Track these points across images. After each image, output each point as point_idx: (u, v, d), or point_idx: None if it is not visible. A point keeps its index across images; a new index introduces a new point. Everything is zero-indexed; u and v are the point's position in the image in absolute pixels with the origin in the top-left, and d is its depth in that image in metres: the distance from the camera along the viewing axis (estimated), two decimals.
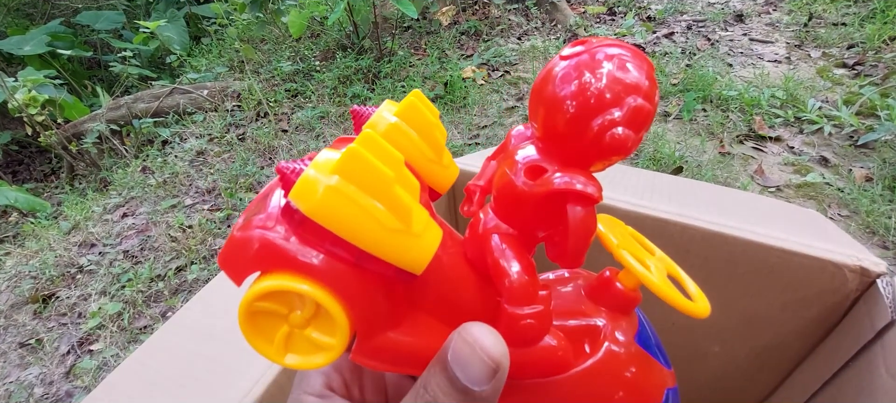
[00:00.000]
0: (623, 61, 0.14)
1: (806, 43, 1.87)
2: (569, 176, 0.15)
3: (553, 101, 0.15)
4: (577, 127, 0.14)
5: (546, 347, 0.16)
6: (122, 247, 1.31)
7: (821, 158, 1.30)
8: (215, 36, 2.41)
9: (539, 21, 2.24)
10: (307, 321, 0.14)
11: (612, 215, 0.42)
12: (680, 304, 0.16)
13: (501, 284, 0.16)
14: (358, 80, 1.89)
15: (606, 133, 0.14)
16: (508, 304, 0.15)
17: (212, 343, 0.36)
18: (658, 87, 0.15)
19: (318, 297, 0.13)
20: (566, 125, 0.15)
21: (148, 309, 1.12)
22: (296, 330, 0.14)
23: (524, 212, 0.16)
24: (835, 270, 0.36)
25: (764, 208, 0.46)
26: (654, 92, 0.14)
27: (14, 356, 1.07)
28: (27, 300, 1.20)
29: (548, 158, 0.16)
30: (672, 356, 0.50)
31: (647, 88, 0.14)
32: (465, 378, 0.14)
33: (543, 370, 0.16)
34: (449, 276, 0.16)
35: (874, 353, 0.34)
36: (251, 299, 0.13)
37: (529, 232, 0.17)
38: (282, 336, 0.14)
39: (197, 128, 1.83)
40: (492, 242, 0.16)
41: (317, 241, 0.13)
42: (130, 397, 0.33)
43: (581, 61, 0.14)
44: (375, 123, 0.17)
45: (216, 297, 0.39)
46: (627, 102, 0.14)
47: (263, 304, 0.13)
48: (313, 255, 0.13)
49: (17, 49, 2.20)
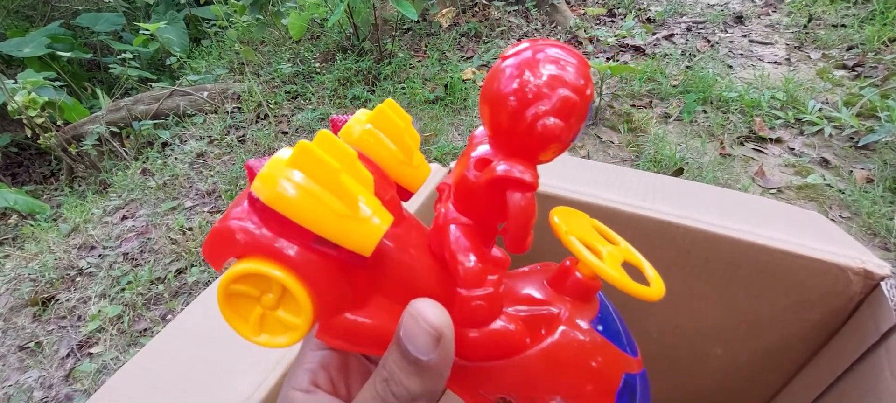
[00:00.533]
0: (556, 58, 0.16)
1: (806, 44, 1.87)
2: (508, 164, 0.16)
3: (496, 98, 0.16)
4: (515, 119, 0.16)
5: (499, 329, 0.17)
6: (121, 250, 1.31)
7: (821, 160, 1.30)
8: (215, 38, 2.41)
9: (539, 23, 2.24)
10: (277, 303, 0.15)
11: (614, 217, 0.42)
12: (630, 288, 0.16)
13: (455, 270, 0.17)
14: (358, 82, 1.89)
15: (538, 122, 0.15)
16: (460, 287, 0.17)
17: (213, 346, 0.36)
18: (591, 82, 0.16)
19: (283, 280, 0.15)
20: (507, 118, 0.16)
21: (148, 311, 1.12)
22: (267, 311, 0.15)
23: (476, 203, 0.18)
24: (838, 273, 0.36)
25: (766, 210, 0.46)
26: (583, 85, 0.16)
27: (13, 359, 1.07)
28: (26, 302, 1.20)
29: (496, 152, 0.17)
30: (674, 358, 0.50)
31: (575, 81, 0.15)
32: (414, 349, 0.15)
33: (497, 352, 0.17)
34: (410, 265, 0.17)
35: (878, 356, 0.33)
36: (226, 281, 0.15)
37: (484, 222, 0.18)
38: (256, 317, 0.16)
39: (197, 130, 1.83)
40: (449, 232, 0.17)
41: (280, 229, 0.15)
42: (132, 401, 0.33)
43: (520, 60, 0.16)
44: (350, 128, 0.19)
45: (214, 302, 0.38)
46: (557, 93, 0.15)
47: (238, 286, 0.15)
48: (278, 241, 0.15)
49: (17, 51, 2.20)
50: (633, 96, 1.67)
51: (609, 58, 1.95)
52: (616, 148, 1.45)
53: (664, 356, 0.50)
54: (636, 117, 1.55)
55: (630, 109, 1.60)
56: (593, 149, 1.46)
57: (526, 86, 0.15)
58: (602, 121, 1.56)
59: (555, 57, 0.16)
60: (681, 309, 0.45)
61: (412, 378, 0.15)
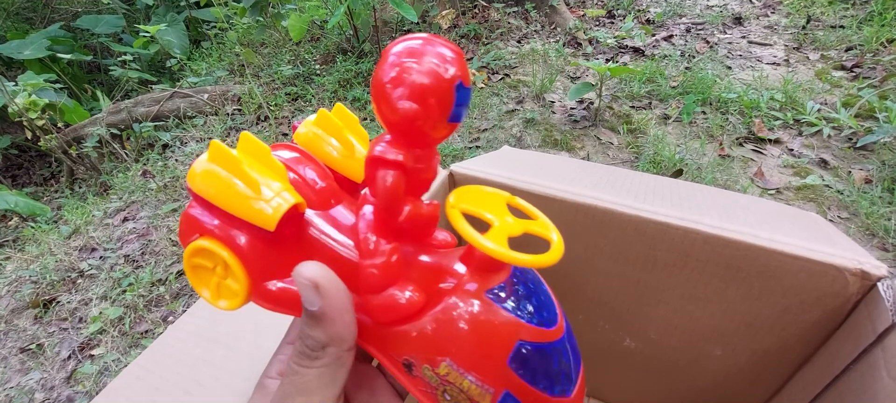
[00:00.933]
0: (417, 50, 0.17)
1: (804, 45, 1.87)
2: (379, 144, 0.18)
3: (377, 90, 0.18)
4: (388, 106, 0.17)
5: (390, 295, 0.18)
6: (122, 252, 1.31)
7: (820, 160, 1.30)
8: (215, 40, 2.42)
9: (538, 24, 2.24)
10: (225, 274, 0.19)
11: (614, 219, 0.43)
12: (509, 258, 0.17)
13: (356, 243, 0.19)
14: (358, 84, 1.90)
15: (397, 104, 0.17)
16: (360, 257, 0.19)
17: (215, 348, 0.36)
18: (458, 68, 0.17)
19: (222, 255, 0.18)
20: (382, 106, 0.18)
21: (149, 313, 1.12)
22: (220, 280, 0.19)
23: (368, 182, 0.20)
24: (836, 274, 0.36)
25: (765, 211, 0.47)
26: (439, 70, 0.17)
27: (15, 361, 1.07)
28: (28, 305, 1.20)
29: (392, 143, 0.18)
30: (673, 359, 0.50)
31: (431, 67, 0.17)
32: (306, 303, 0.17)
33: (394, 315, 0.18)
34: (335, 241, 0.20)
35: (875, 356, 0.34)
36: (186, 255, 0.19)
37: None
38: (214, 286, 0.19)
39: (197, 131, 1.83)
40: (361, 212, 0.20)
41: (220, 214, 0.18)
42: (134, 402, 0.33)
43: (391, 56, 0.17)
44: (299, 131, 0.24)
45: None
46: (411, 78, 0.17)
47: (196, 259, 0.19)
48: (217, 223, 0.19)
49: (17, 53, 2.21)
50: (633, 97, 1.68)
51: (608, 59, 1.96)
52: (615, 149, 1.45)
53: (663, 357, 0.51)
54: (635, 118, 1.55)
55: (629, 110, 1.61)
56: (593, 150, 1.46)
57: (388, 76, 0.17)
58: (601, 122, 1.56)
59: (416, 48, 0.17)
60: (681, 311, 0.45)
61: (314, 329, 0.17)
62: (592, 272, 0.48)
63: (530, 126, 1.58)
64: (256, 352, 0.36)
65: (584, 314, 0.53)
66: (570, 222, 0.45)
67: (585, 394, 0.38)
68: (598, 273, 0.48)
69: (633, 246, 0.43)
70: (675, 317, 0.46)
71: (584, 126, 1.56)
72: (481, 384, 0.17)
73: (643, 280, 0.45)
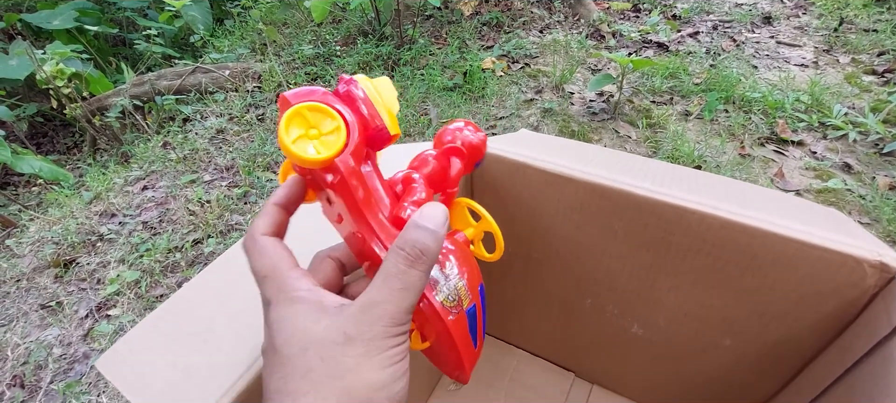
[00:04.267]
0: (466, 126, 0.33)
1: (835, 48, 1.82)
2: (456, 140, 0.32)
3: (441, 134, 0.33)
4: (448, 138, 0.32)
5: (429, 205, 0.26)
6: (141, 218, 1.34)
7: (844, 164, 1.27)
8: (238, 18, 2.44)
9: (562, 15, 2.21)
10: (318, 136, 0.23)
11: (631, 201, 0.42)
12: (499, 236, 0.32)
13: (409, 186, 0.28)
14: (378, 67, 1.90)
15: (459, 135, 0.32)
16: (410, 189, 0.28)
17: (231, 302, 0.37)
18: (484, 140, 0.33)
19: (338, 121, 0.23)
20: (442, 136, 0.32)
21: (165, 278, 1.15)
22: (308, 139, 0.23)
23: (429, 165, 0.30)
24: (855, 264, 0.36)
25: (784, 203, 0.46)
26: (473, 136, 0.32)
27: (35, 317, 1.11)
28: (49, 264, 1.24)
29: None
30: (680, 348, 0.50)
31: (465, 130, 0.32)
32: (432, 223, 0.22)
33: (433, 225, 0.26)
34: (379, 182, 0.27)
35: (891, 349, 0.33)
36: (305, 105, 0.23)
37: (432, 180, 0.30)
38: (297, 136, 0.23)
39: (217, 107, 1.86)
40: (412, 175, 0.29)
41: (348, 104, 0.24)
42: (151, 349, 0.34)
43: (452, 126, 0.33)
44: None
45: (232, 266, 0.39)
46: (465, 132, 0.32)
47: (308, 112, 0.23)
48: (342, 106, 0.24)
49: (46, 23, 2.25)
50: (654, 92, 1.65)
51: (631, 53, 1.93)
52: (633, 143, 1.44)
53: (671, 345, 0.51)
54: (656, 113, 1.53)
55: (650, 105, 1.58)
56: (610, 143, 1.44)
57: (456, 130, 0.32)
58: (620, 115, 1.55)
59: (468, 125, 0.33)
60: (692, 298, 0.45)
61: (430, 241, 0.22)
62: (604, 255, 0.48)
63: (548, 116, 1.57)
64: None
65: (592, 298, 0.53)
66: (585, 203, 0.45)
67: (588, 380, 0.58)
68: (610, 256, 0.48)
69: (648, 229, 0.43)
70: (686, 304, 0.46)
71: (603, 119, 1.54)
72: (467, 289, 0.26)
73: (656, 264, 0.45)
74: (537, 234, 0.51)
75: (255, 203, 1.36)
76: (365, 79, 0.26)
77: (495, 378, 0.64)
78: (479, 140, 0.32)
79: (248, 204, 1.35)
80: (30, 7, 2.56)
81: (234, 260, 0.40)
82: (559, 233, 0.49)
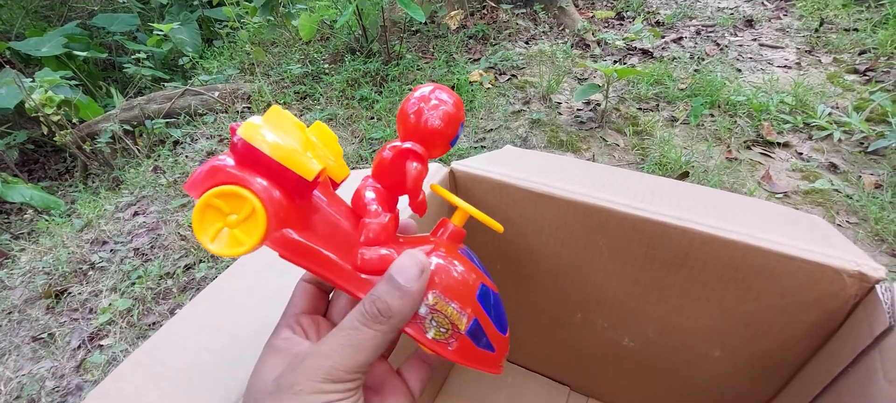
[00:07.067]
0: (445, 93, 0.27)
1: (816, 48, 1.85)
2: (410, 143, 0.26)
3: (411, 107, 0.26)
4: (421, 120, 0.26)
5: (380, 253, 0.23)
6: (132, 245, 1.34)
7: (830, 165, 1.29)
8: (227, 39, 2.45)
9: (547, 25, 2.24)
10: (238, 223, 0.20)
11: (612, 218, 0.43)
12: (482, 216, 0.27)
13: (363, 208, 0.25)
14: (366, 83, 1.91)
15: (428, 122, 0.26)
16: (366, 216, 0.24)
17: (218, 336, 0.37)
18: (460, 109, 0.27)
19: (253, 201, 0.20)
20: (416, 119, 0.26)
21: (157, 305, 1.14)
22: (228, 228, 0.20)
23: (386, 171, 0.26)
24: (834, 275, 0.36)
25: (765, 213, 0.46)
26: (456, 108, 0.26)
27: (27, 349, 1.09)
28: (40, 295, 1.22)
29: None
30: (672, 360, 0.50)
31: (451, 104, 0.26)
32: (403, 278, 0.21)
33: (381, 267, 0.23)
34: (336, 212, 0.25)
35: (873, 359, 0.34)
36: (211, 194, 0.20)
37: (389, 188, 0.27)
38: (215, 230, 0.20)
39: (208, 128, 1.86)
40: (365, 186, 0.26)
41: (252, 165, 0.21)
42: (138, 388, 0.34)
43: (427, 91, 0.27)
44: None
45: (222, 295, 0.40)
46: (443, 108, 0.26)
47: (217, 201, 0.20)
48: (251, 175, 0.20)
49: (35, 50, 2.25)
50: (640, 99, 1.67)
51: (617, 61, 1.95)
52: (621, 150, 1.45)
53: (662, 357, 0.51)
54: (642, 120, 1.55)
55: (636, 112, 1.60)
56: (599, 151, 1.46)
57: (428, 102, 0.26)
58: (608, 123, 1.56)
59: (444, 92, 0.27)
60: (679, 311, 0.45)
61: (396, 300, 0.20)
62: (590, 271, 0.49)
63: (536, 126, 1.58)
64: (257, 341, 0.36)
65: (582, 313, 0.53)
66: (569, 221, 0.45)
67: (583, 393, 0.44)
68: (596, 272, 0.48)
69: (631, 246, 0.43)
70: (674, 317, 0.46)
71: (591, 127, 1.55)
72: (460, 310, 0.23)
73: (642, 279, 0.45)
74: (525, 252, 0.51)
75: None
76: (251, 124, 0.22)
77: (491, 394, 0.64)
78: (443, 118, 0.26)
79: None
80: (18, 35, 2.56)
81: (224, 289, 0.40)
82: (545, 251, 0.49)
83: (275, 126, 0.22)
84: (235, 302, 0.40)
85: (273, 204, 0.21)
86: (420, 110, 0.26)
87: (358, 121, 1.73)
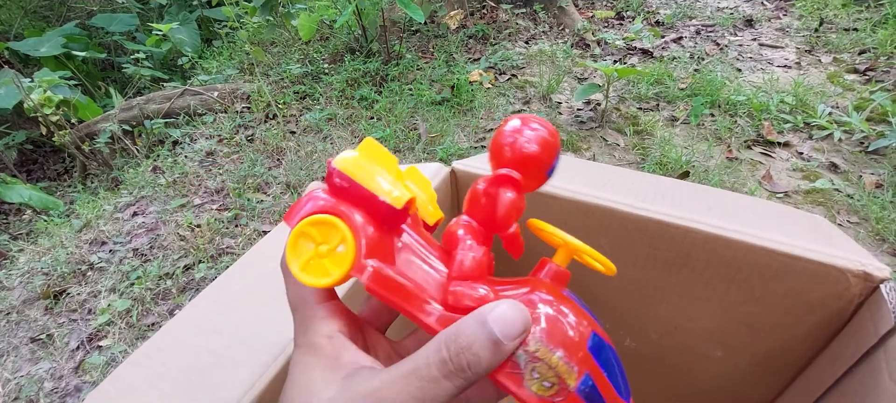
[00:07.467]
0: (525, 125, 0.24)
1: (816, 48, 1.85)
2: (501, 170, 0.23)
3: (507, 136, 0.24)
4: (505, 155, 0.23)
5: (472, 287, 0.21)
6: (131, 246, 1.33)
7: (830, 164, 1.29)
8: (226, 39, 2.44)
9: (547, 25, 2.24)
10: (328, 253, 0.20)
11: (616, 218, 0.43)
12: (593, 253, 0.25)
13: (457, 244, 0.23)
14: (366, 83, 1.91)
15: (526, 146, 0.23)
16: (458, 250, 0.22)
17: (217, 338, 0.36)
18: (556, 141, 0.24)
19: (345, 231, 0.20)
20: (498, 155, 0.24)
21: (156, 306, 1.13)
22: (317, 257, 0.20)
23: (480, 203, 0.24)
24: (838, 275, 0.36)
25: (768, 212, 0.46)
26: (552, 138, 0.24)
27: (25, 350, 1.09)
28: (39, 296, 1.22)
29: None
30: (674, 360, 0.50)
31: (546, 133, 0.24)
32: (502, 331, 0.17)
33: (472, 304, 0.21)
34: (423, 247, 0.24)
35: (877, 359, 0.33)
36: (307, 221, 0.20)
37: (484, 223, 0.24)
38: (306, 258, 0.21)
39: (207, 128, 1.85)
40: (459, 224, 0.24)
41: (344, 196, 0.21)
42: (137, 389, 0.33)
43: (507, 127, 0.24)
44: None
45: (222, 295, 0.39)
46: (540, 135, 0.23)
47: (310, 228, 0.20)
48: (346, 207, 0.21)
49: (34, 50, 2.25)
50: (640, 99, 1.67)
51: (616, 61, 1.95)
52: (621, 150, 1.45)
53: (664, 358, 0.51)
54: (643, 120, 1.55)
55: (636, 112, 1.60)
56: (599, 151, 1.45)
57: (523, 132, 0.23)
58: (608, 123, 1.56)
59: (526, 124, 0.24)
60: (681, 311, 0.45)
61: (487, 353, 0.17)
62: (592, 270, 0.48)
63: None
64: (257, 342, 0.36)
65: None
66: (570, 221, 0.45)
67: None
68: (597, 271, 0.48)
69: (633, 245, 0.43)
70: (676, 317, 0.46)
71: (591, 127, 1.55)
72: (568, 361, 0.19)
73: (644, 279, 0.45)
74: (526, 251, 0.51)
75: (245, 225, 1.35)
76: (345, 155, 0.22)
77: None
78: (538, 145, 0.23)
79: (238, 227, 1.35)
80: (17, 35, 2.56)
81: (224, 290, 0.40)
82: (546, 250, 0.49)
83: (368, 157, 0.22)
84: (236, 303, 0.40)
85: (363, 235, 0.20)
86: (515, 140, 0.23)
87: (358, 121, 1.73)
